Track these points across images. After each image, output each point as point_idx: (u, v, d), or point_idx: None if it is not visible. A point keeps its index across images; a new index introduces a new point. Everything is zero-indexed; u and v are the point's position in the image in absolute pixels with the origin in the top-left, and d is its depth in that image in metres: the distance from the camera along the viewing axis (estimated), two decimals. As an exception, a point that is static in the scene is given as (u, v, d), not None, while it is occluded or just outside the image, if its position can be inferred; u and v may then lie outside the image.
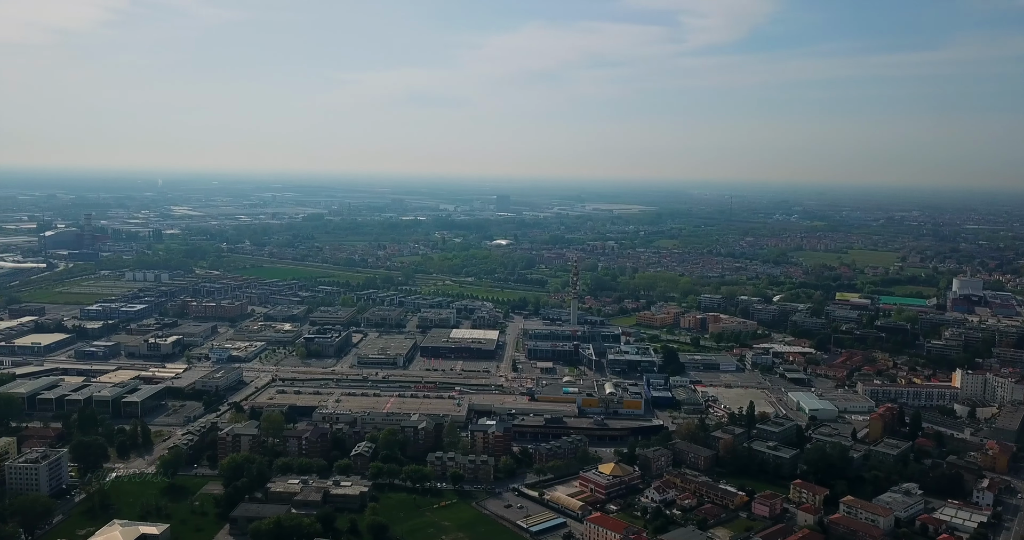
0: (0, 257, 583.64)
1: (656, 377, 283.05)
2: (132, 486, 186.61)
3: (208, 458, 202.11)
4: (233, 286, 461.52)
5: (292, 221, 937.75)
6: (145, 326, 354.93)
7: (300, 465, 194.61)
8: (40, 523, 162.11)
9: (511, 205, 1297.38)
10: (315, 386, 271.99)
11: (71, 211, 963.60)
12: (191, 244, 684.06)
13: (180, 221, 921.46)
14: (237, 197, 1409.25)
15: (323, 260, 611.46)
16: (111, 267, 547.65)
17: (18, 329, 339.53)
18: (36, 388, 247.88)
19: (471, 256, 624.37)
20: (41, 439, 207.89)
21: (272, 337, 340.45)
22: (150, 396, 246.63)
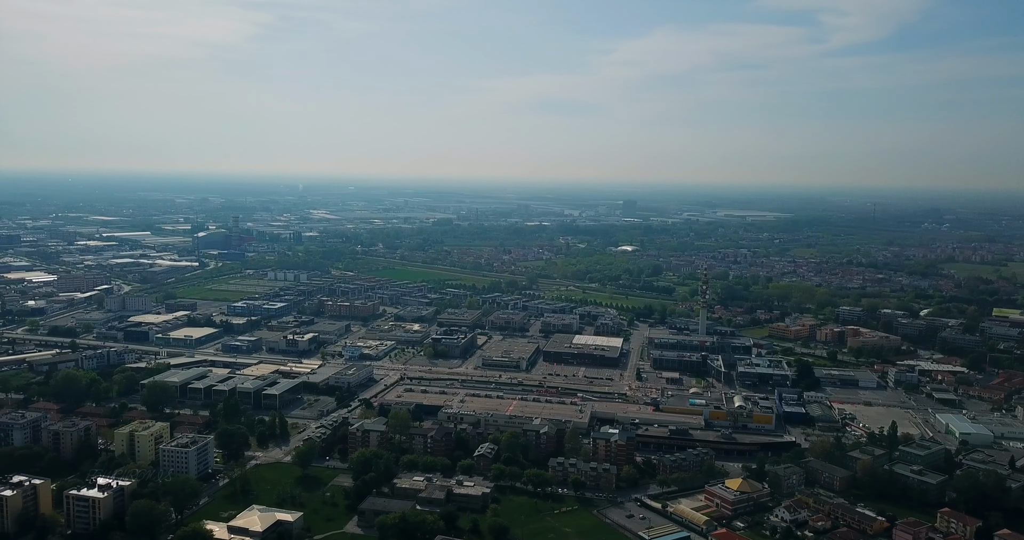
0: (159, 256, 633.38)
1: (789, 391, 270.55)
2: (270, 474, 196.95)
3: (339, 451, 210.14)
4: (366, 287, 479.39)
5: (423, 225, 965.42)
6: (284, 323, 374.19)
7: (425, 463, 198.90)
8: (189, 503, 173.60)
9: (638, 211, 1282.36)
10: (441, 386, 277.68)
11: (221, 214, 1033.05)
12: (328, 246, 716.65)
13: (319, 224, 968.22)
14: (371, 202, 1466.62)
15: (451, 263, 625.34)
16: (255, 267, 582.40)
17: (173, 323, 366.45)
18: (187, 378, 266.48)
19: (595, 262, 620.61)
20: (191, 425, 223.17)
21: (401, 337, 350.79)
22: (288, 390, 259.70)
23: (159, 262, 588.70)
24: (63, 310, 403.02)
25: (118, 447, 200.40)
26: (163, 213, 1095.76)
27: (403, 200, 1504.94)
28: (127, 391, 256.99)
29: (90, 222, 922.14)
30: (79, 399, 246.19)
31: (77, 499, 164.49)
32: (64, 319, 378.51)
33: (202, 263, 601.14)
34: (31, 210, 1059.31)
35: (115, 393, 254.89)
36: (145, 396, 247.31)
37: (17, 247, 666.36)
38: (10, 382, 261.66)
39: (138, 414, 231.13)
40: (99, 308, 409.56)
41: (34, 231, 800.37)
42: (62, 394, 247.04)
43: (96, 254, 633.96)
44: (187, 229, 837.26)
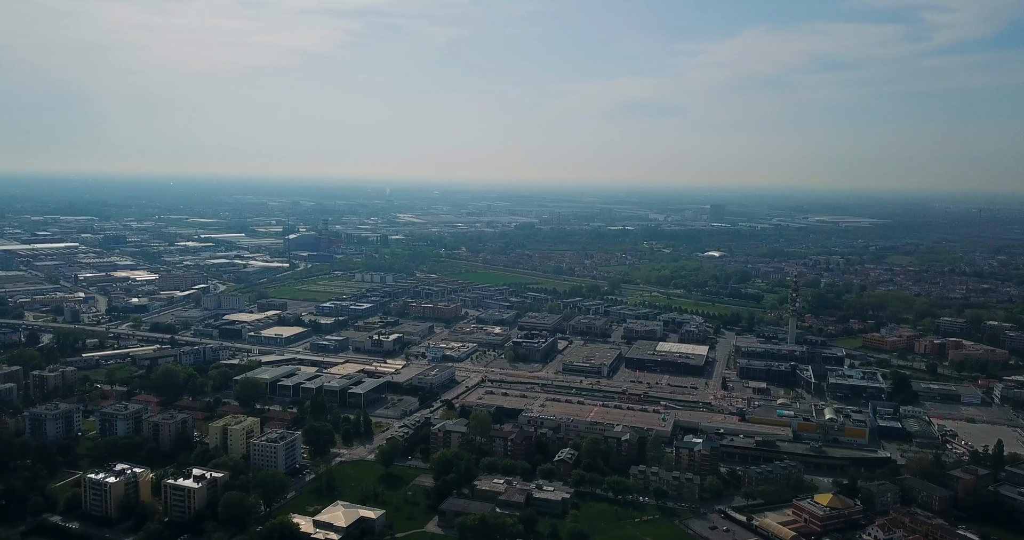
0: (252, 257, 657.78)
1: (884, 405, 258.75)
2: (354, 471, 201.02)
3: (421, 451, 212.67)
4: (449, 289, 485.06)
5: (505, 229, 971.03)
6: (370, 324, 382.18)
7: (505, 465, 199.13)
8: (277, 497, 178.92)
9: (726, 215, 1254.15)
10: (522, 389, 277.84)
11: (311, 217, 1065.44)
12: (413, 249, 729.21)
13: (404, 227, 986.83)
14: (456, 206, 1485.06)
15: (532, 267, 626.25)
16: (343, 268, 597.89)
17: (264, 321, 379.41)
18: (277, 375, 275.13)
19: (680, 267, 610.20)
20: (280, 421, 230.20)
21: (483, 339, 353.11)
22: (372, 389, 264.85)
23: (252, 263, 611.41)
24: (164, 308, 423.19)
25: (212, 440, 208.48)
26: (257, 216, 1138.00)
27: (486, 204, 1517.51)
28: (221, 386, 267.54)
29: (189, 224, 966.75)
30: (177, 393, 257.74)
31: (174, 488, 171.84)
32: (165, 316, 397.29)
33: (292, 264, 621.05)
34: (136, 212, 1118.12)
35: (210, 388, 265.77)
36: (238, 392, 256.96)
37: (123, 247, 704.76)
38: (115, 375, 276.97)
39: (231, 409, 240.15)
40: (196, 306, 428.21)
41: (138, 232, 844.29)
42: (162, 387, 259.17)
43: (194, 254, 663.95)
44: (279, 231, 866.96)
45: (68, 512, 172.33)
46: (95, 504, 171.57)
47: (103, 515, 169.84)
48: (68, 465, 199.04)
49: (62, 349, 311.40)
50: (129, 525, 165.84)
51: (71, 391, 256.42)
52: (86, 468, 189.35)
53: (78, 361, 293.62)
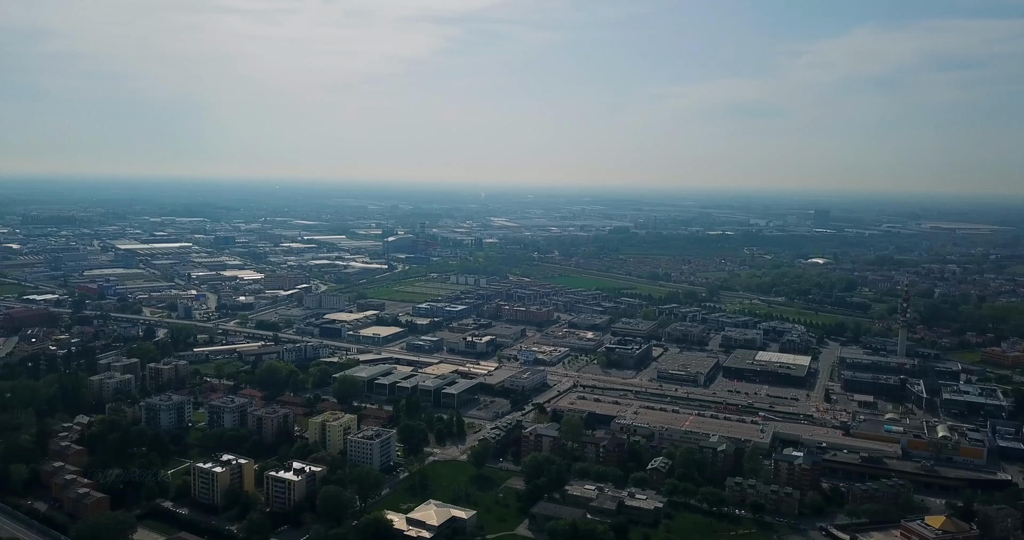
0: (352, 258, 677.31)
1: (1004, 424, 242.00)
2: (446, 471, 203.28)
3: (512, 454, 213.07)
4: (542, 293, 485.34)
5: (599, 233, 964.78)
6: (464, 325, 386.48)
7: (596, 472, 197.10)
8: (372, 493, 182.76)
9: (831, 221, 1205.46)
10: (614, 396, 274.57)
11: (409, 220, 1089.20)
12: (507, 252, 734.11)
13: (498, 231, 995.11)
14: (549, 210, 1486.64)
15: (627, 272, 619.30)
16: (439, 270, 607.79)
17: (363, 321, 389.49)
18: (374, 374, 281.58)
19: (782, 274, 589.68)
20: (375, 419, 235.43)
21: (575, 344, 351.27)
22: (465, 390, 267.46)
23: (352, 264, 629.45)
24: (268, 306, 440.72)
25: (311, 435, 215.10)
26: (357, 218, 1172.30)
27: (580, 208, 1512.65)
28: (320, 383, 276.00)
29: (293, 226, 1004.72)
30: (279, 388, 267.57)
31: (275, 480, 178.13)
32: (269, 314, 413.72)
33: (390, 266, 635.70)
34: (244, 214, 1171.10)
35: (310, 384, 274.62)
36: (336, 389, 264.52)
37: (232, 247, 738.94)
38: (223, 369, 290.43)
39: (329, 405, 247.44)
40: (299, 305, 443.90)
41: (246, 233, 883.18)
42: (265, 383, 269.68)
43: (298, 255, 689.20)
44: (378, 234, 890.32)
45: (179, 498, 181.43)
46: (203, 492, 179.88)
47: (210, 503, 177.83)
48: (179, 454, 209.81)
49: (176, 343, 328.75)
50: (234, 513, 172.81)
51: (183, 384, 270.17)
52: (195, 457, 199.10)
53: (190, 355, 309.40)
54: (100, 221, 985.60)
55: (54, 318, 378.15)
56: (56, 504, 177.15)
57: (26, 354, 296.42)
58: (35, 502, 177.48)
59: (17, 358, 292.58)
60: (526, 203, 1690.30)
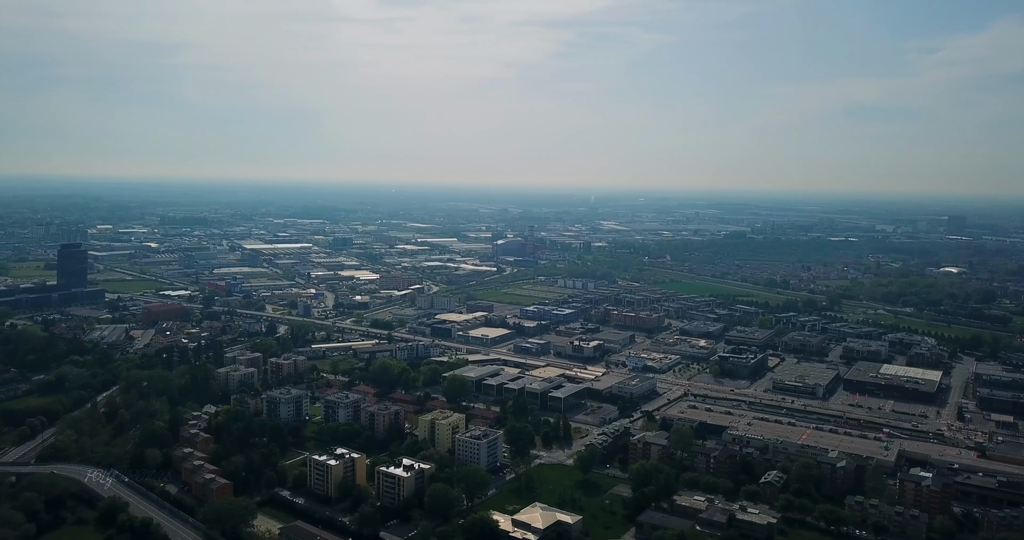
0: (463, 260, 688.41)
1: None
2: (552, 474, 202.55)
3: (619, 461, 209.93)
4: (652, 298, 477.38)
5: (713, 238, 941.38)
6: (571, 329, 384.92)
7: (706, 483, 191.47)
8: (478, 492, 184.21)
9: (966, 228, 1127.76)
10: (727, 406, 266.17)
11: (518, 223, 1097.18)
12: (616, 256, 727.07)
13: (608, 235, 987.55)
14: (661, 213, 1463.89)
15: (742, 279, 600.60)
16: (546, 274, 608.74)
17: (472, 322, 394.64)
18: (482, 374, 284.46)
19: (911, 284, 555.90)
20: (483, 419, 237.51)
21: (686, 351, 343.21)
22: (572, 394, 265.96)
23: (463, 266, 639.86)
24: (383, 305, 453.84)
25: (421, 432, 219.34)
26: (468, 221, 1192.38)
27: (693, 212, 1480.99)
28: (430, 382, 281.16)
29: (408, 228, 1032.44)
30: (391, 385, 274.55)
31: (386, 476, 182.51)
32: (383, 313, 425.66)
33: (500, 268, 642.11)
34: (361, 217, 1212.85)
35: (421, 383, 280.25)
36: (445, 388, 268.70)
37: (349, 249, 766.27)
38: (339, 366, 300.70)
39: (439, 404, 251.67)
40: (411, 305, 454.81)
41: (363, 235, 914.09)
42: (378, 380, 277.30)
43: (411, 257, 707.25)
44: (488, 237, 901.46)
45: (295, 488, 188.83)
46: (318, 483, 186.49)
47: (324, 494, 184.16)
48: (296, 445, 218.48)
49: (295, 340, 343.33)
50: (346, 505, 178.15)
51: (301, 378, 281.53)
52: (311, 450, 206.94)
53: (308, 351, 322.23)
54: (229, 222, 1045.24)
55: (186, 313, 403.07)
56: (185, 488, 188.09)
57: (161, 346, 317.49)
58: (167, 485, 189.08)
59: (153, 350, 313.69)
60: (637, 207, 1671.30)
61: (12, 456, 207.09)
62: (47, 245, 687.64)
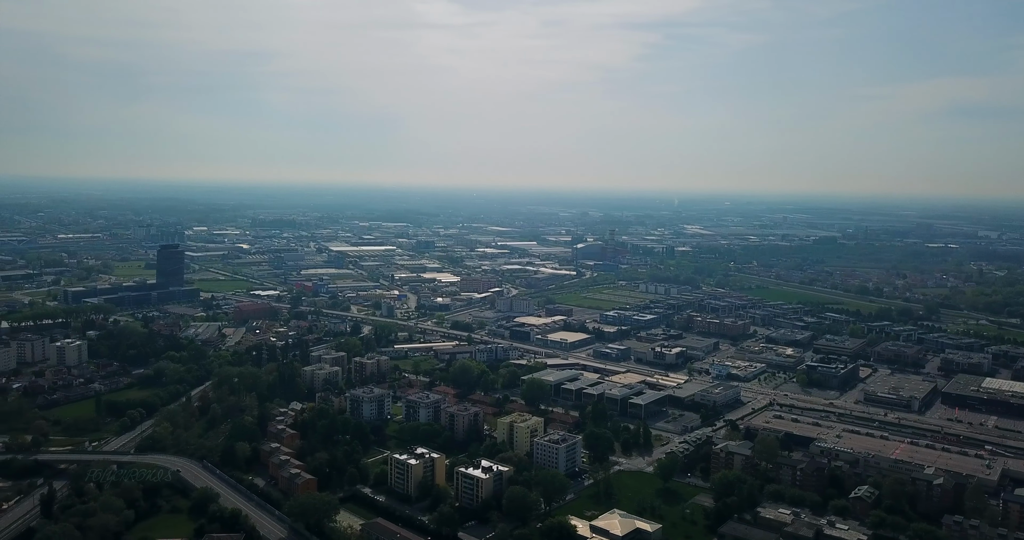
0: (542, 264, 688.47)
1: None
2: (631, 481, 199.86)
3: (701, 470, 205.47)
4: (737, 305, 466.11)
5: (802, 243, 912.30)
6: (653, 335, 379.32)
7: (792, 495, 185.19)
8: (556, 497, 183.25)
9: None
10: (815, 417, 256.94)
11: (599, 227, 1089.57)
12: (700, 261, 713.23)
13: (691, 239, 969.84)
14: (747, 218, 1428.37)
15: (832, 286, 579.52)
16: (628, 278, 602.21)
17: (551, 326, 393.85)
18: (561, 378, 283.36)
19: (1018, 293, 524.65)
20: (561, 424, 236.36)
21: (772, 360, 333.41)
22: (653, 401, 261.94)
23: (542, 270, 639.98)
24: (463, 308, 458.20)
25: (500, 434, 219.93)
26: (548, 225, 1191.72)
27: (781, 216, 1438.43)
28: (509, 385, 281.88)
29: (488, 232, 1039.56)
30: (471, 387, 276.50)
31: (464, 476, 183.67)
32: (463, 316, 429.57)
33: (579, 272, 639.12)
34: (443, 220, 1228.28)
35: (499, 385, 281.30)
36: (524, 391, 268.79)
37: (431, 251, 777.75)
38: (420, 366, 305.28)
39: (517, 407, 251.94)
40: (491, 308, 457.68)
41: (445, 238, 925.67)
42: (458, 381, 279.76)
43: (491, 260, 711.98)
44: (568, 240, 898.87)
45: (376, 486, 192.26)
46: (398, 482, 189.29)
47: (404, 493, 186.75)
48: (378, 444, 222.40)
49: (378, 340, 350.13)
50: (425, 505, 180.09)
51: (384, 378, 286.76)
52: (392, 448, 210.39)
53: (390, 351, 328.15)
54: (316, 225, 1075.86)
55: (275, 312, 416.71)
56: (272, 481, 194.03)
57: (251, 344, 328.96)
58: (255, 478, 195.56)
59: (244, 347, 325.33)
60: (722, 211, 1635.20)
61: (114, 445, 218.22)
62: (147, 246, 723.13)
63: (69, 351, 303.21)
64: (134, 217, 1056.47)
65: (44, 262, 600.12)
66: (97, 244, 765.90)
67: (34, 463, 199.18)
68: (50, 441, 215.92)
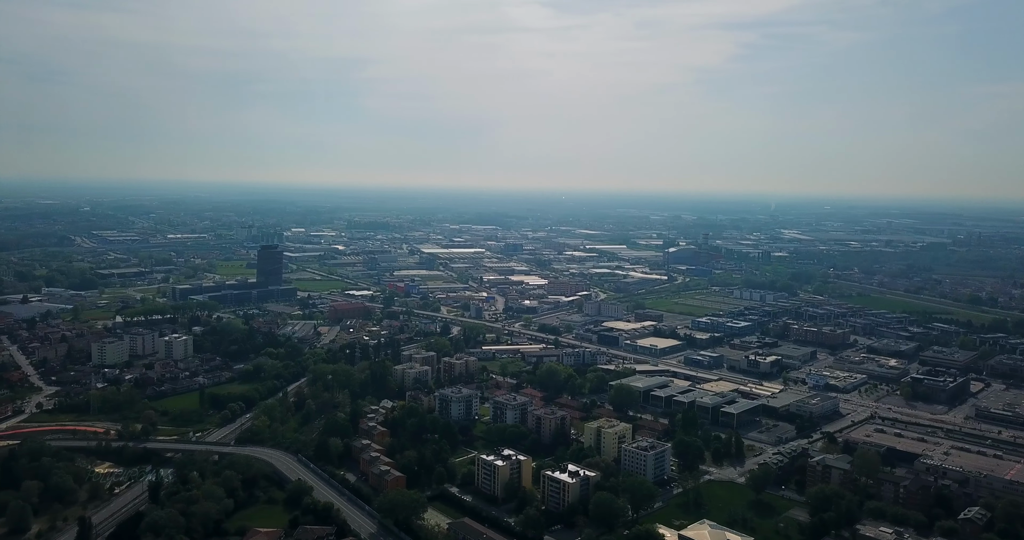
0: (632, 268, 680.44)
1: None
2: (721, 492, 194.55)
3: (796, 483, 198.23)
4: (836, 313, 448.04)
5: (908, 250, 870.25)
6: (747, 343, 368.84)
7: (894, 514, 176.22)
8: (644, 505, 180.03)
9: None
10: (920, 432, 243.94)
11: (692, 231, 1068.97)
12: (797, 267, 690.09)
13: (788, 244, 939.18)
14: (848, 222, 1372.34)
15: (940, 295, 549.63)
16: (721, 284, 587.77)
17: (640, 331, 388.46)
18: (650, 385, 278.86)
19: None
20: (650, 431, 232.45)
21: (874, 371, 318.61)
22: (746, 410, 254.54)
23: (632, 274, 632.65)
24: (550, 311, 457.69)
25: (587, 439, 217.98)
26: (638, 228, 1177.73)
27: (886, 221, 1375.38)
28: (597, 389, 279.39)
29: (577, 235, 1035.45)
30: (558, 390, 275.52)
31: (551, 480, 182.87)
32: (550, 319, 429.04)
33: (670, 277, 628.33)
34: (531, 223, 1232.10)
35: (587, 390, 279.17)
36: (612, 396, 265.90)
37: (520, 254, 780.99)
38: (507, 368, 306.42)
39: (605, 412, 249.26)
40: (579, 311, 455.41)
41: (533, 241, 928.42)
42: (545, 384, 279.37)
43: (579, 263, 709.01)
44: (659, 244, 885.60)
45: (463, 485, 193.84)
46: (485, 482, 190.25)
47: (491, 493, 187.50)
48: (465, 443, 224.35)
49: (467, 341, 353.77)
50: (511, 506, 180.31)
51: (472, 378, 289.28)
52: (479, 449, 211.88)
53: (478, 352, 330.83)
54: (408, 227, 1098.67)
55: (368, 312, 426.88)
56: (362, 477, 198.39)
57: (345, 342, 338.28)
58: (346, 473, 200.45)
59: (338, 345, 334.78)
60: (821, 215, 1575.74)
61: (215, 436, 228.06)
62: (249, 246, 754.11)
63: (176, 345, 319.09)
64: (237, 219, 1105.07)
65: (155, 261, 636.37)
66: (203, 244, 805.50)
67: (143, 451, 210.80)
68: (158, 430, 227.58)
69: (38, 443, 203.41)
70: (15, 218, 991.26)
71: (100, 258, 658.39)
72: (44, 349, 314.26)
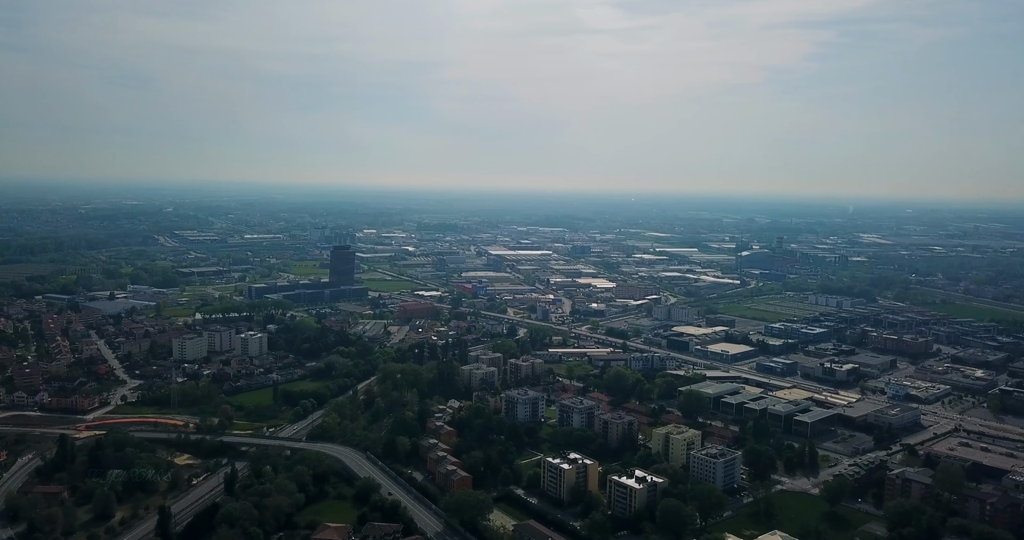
0: (703, 272, 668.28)
1: None
2: (794, 502, 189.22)
3: (873, 496, 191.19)
4: (918, 321, 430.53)
5: (997, 255, 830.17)
6: (822, 350, 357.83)
7: (980, 532, 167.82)
8: (713, 513, 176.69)
9: None
10: (1009, 447, 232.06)
11: (765, 234, 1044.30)
12: (876, 273, 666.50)
13: (867, 249, 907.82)
14: (932, 226, 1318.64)
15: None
16: (795, 289, 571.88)
17: (711, 336, 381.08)
18: (721, 391, 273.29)
19: None
20: (720, 438, 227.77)
21: (959, 382, 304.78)
22: (821, 419, 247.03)
23: (703, 278, 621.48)
24: (618, 314, 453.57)
25: (655, 445, 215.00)
26: (710, 232, 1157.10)
27: (972, 225, 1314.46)
28: (665, 395, 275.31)
29: (646, 238, 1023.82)
30: (625, 395, 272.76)
31: (618, 485, 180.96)
32: (619, 322, 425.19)
33: (743, 281, 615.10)
34: (600, 225, 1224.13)
35: (655, 395, 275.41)
36: (681, 402, 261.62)
37: (587, 257, 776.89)
38: (574, 371, 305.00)
39: (673, 418, 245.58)
40: (647, 315, 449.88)
41: (601, 243, 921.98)
42: (612, 388, 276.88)
43: (649, 267, 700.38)
44: (731, 248, 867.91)
45: (529, 488, 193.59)
46: (551, 485, 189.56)
47: (556, 497, 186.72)
48: (531, 446, 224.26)
49: (533, 343, 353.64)
50: (577, 510, 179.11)
51: (538, 381, 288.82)
52: (545, 451, 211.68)
53: (545, 355, 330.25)
54: (476, 229, 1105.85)
55: (436, 312, 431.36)
56: (429, 476, 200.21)
57: (413, 342, 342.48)
58: (413, 471, 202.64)
59: (407, 345, 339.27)
60: (903, 218, 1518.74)
61: (287, 432, 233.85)
62: (322, 246, 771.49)
63: (252, 342, 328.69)
64: (310, 219, 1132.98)
65: (232, 260, 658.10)
66: (278, 244, 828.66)
67: (220, 444, 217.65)
68: (233, 424, 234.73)
69: (122, 434, 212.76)
70: (103, 218, 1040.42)
71: (181, 257, 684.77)
72: (129, 344, 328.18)
